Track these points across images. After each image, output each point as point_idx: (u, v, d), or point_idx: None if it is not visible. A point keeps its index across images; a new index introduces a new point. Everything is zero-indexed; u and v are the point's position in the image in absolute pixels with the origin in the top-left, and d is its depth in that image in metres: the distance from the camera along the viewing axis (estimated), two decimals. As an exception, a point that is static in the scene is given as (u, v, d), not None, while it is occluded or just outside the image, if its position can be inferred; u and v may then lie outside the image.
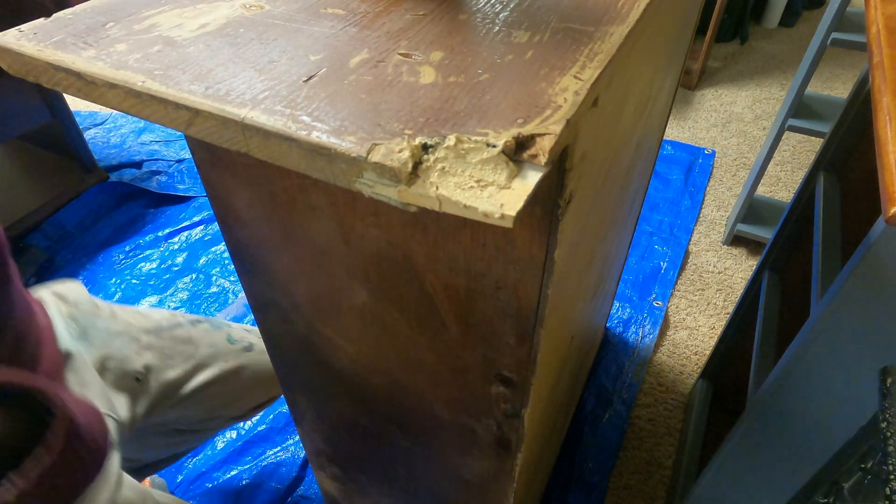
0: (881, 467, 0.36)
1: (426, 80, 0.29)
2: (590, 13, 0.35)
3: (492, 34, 0.33)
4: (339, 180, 0.26)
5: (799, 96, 1.28)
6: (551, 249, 0.34)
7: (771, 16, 2.71)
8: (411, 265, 0.40)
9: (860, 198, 0.82)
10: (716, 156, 1.96)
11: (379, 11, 0.36)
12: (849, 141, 0.82)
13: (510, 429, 0.49)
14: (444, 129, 0.26)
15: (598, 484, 1.11)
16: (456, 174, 0.24)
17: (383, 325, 0.47)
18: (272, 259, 0.49)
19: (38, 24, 0.35)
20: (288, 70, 0.31)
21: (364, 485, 0.77)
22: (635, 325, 1.40)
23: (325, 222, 0.41)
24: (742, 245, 1.63)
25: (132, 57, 0.32)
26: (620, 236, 0.84)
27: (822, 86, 2.30)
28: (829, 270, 0.66)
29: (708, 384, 1.19)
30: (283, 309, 0.54)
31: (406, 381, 0.51)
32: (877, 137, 0.46)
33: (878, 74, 0.51)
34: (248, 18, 0.36)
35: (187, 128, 0.29)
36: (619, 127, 0.45)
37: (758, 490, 0.70)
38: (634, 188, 0.79)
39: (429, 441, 0.58)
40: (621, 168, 0.56)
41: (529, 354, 0.41)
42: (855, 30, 1.16)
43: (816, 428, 0.59)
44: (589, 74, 0.29)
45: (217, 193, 0.46)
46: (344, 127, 0.26)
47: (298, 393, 0.67)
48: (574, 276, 0.46)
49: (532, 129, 0.25)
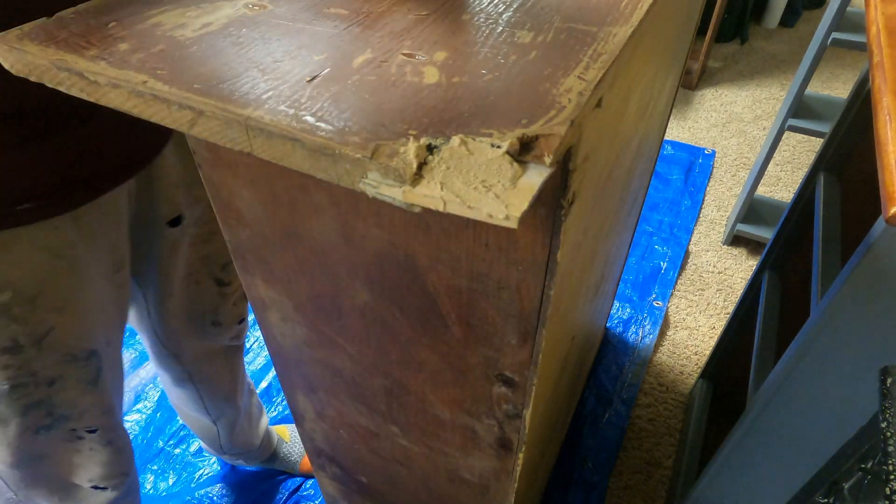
0: (881, 467, 0.36)
1: (430, 80, 0.30)
2: (593, 13, 0.35)
3: (495, 34, 0.33)
4: (342, 181, 0.26)
5: (799, 96, 1.28)
6: (554, 250, 0.34)
7: (771, 16, 2.72)
8: (413, 265, 0.40)
9: (860, 198, 0.82)
10: (716, 156, 1.96)
11: (382, 11, 0.36)
12: (849, 141, 0.82)
13: (511, 429, 0.49)
14: (449, 130, 0.26)
15: (599, 484, 1.11)
16: (460, 175, 0.24)
17: (385, 325, 0.47)
18: (274, 259, 0.49)
19: (41, 24, 0.35)
20: (291, 70, 0.31)
21: (364, 485, 0.77)
22: (635, 325, 1.40)
23: (327, 222, 0.41)
24: (742, 245, 1.63)
25: (135, 57, 0.32)
26: (621, 236, 0.84)
27: (822, 86, 2.30)
28: (829, 270, 0.66)
29: (708, 384, 1.19)
30: (285, 309, 0.54)
31: (407, 381, 0.51)
32: (877, 137, 0.46)
33: (878, 74, 0.51)
34: (250, 18, 0.36)
35: (190, 128, 0.29)
36: (621, 127, 0.45)
37: (758, 490, 0.70)
38: (635, 188, 0.79)
39: (429, 441, 0.58)
40: (623, 168, 0.56)
41: (531, 355, 0.41)
42: (855, 30, 1.16)
43: (816, 428, 0.59)
44: (593, 75, 0.29)
45: (219, 193, 0.46)
46: (348, 127, 0.26)
47: (298, 393, 0.67)
48: (576, 276, 0.46)
49: (536, 130, 0.25)
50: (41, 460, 0.63)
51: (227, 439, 0.99)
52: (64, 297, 0.54)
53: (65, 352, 0.57)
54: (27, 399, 0.57)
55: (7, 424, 0.57)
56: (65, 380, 0.58)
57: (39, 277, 0.51)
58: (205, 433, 0.99)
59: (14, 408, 0.56)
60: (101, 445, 0.66)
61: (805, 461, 0.62)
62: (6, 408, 0.56)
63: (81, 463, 0.66)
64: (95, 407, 0.63)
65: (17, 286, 0.50)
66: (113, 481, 0.70)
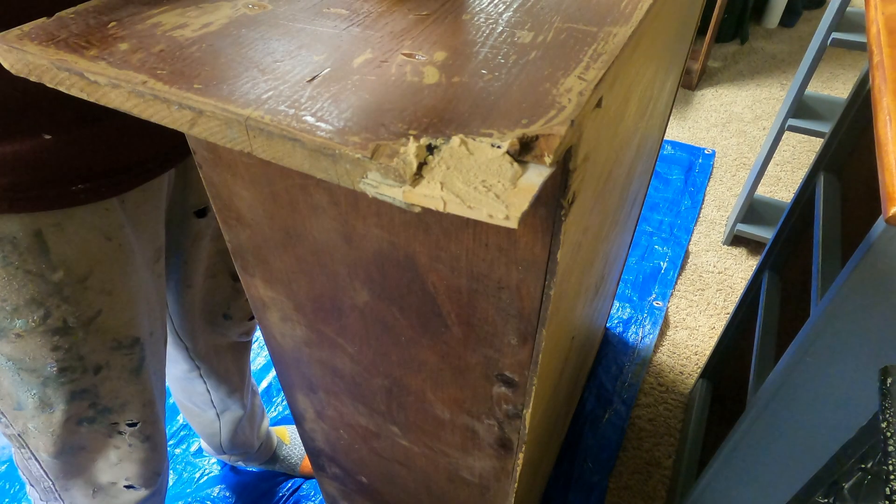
0: (881, 467, 0.37)
1: (430, 80, 0.30)
2: (593, 13, 0.35)
3: (495, 34, 0.33)
4: (343, 181, 0.26)
5: (799, 96, 1.28)
6: (554, 250, 0.34)
7: (771, 16, 2.72)
8: (413, 265, 0.40)
9: (860, 198, 0.82)
10: (716, 156, 1.96)
11: (382, 11, 0.36)
12: (849, 141, 0.82)
13: (511, 429, 0.49)
14: (449, 130, 0.26)
15: (599, 484, 1.11)
16: (460, 175, 0.24)
17: (384, 325, 0.47)
18: (274, 259, 0.49)
19: (41, 24, 0.35)
20: (291, 70, 0.31)
21: (364, 485, 0.77)
22: (635, 325, 1.40)
23: (326, 222, 0.41)
24: (742, 245, 1.63)
25: (135, 57, 0.32)
26: (621, 236, 0.84)
27: (822, 86, 2.30)
28: (829, 270, 0.66)
29: (708, 384, 1.19)
30: (285, 309, 0.54)
31: (407, 381, 0.51)
32: (877, 137, 0.46)
33: (878, 74, 0.51)
34: (250, 18, 0.36)
35: (190, 128, 0.29)
36: (621, 127, 0.45)
37: (758, 490, 0.70)
38: (635, 188, 0.79)
39: (429, 441, 0.58)
40: (623, 168, 0.56)
41: (531, 355, 0.41)
42: (855, 30, 1.16)
43: (816, 428, 0.59)
44: (593, 75, 0.29)
45: (219, 193, 0.46)
46: (348, 127, 0.26)
47: (298, 393, 0.67)
48: (576, 276, 0.46)
49: (537, 130, 0.25)
50: (80, 452, 0.64)
51: (229, 437, 0.99)
52: (112, 280, 0.55)
53: (111, 336, 0.58)
54: (74, 385, 0.57)
55: (53, 410, 0.58)
56: (110, 367, 0.59)
57: (90, 257, 0.53)
58: (206, 429, 0.99)
59: (61, 393, 0.57)
60: (139, 441, 0.67)
61: (805, 461, 0.62)
62: (53, 392, 0.57)
63: (119, 460, 0.67)
64: (137, 398, 0.64)
65: (70, 265, 0.52)
66: (147, 480, 0.71)
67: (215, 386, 0.89)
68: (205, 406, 0.93)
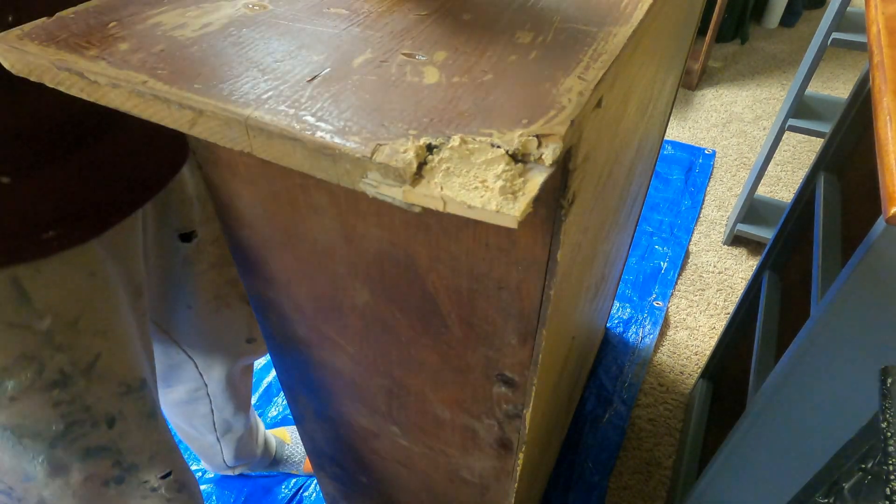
0: (881, 467, 0.36)
1: (430, 80, 0.30)
2: (593, 13, 0.35)
3: (495, 34, 0.33)
4: (343, 180, 0.26)
5: (799, 96, 1.28)
6: (554, 250, 0.34)
7: (771, 16, 2.72)
8: (413, 265, 0.40)
9: (860, 198, 0.82)
10: (716, 156, 1.96)
11: (382, 11, 0.36)
12: (849, 141, 0.82)
13: (511, 429, 0.49)
14: (449, 130, 0.26)
15: (599, 484, 1.11)
16: (460, 175, 0.24)
17: (384, 325, 0.47)
18: (273, 259, 0.49)
19: (41, 24, 0.35)
20: (291, 70, 0.31)
21: (364, 485, 0.77)
22: (635, 325, 1.40)
23: (326, 222, 0.41)
24: (742, 245, 1.63)
25: (135, 57, 0.32)
26: (621, 236, 0.84)
27: (823, 86, 2.30)
28: (829, 270, 0.66)
29: (708, 384, 1.19)
30: (285, 309, 0.54)
31: (407, 381, 0.51)
32: (877, 137, 0.46)
33: (878, 74, 0.51)
34: (250, 18, 0.36)
35: (190, 128, 0.29)
36: (621, 127, 0.45)
37: (758, 490, 0.70)
38: (635, 188, 0.79)
39: (430, 441, 0.58)
40: (623, 168, 0.56)
41: (531, 355, 0.41)
42: (855, 30, 1.16)
43: (816, 428, 0.59)
44: (593, 75, 0.29)
45: (218, 193, 0.46)
46: (348, 127, 0.26)
47: (298, 393, 0.67)
48: (576, 276, 0.46)
49: (537, 130, 0.25)
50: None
51: (231, 454, 0.98)
52: (105, 319, 0.51)
53: (117, 381, 0.53)
54: (86, 441, 0.52)
55: (69, 472, 0.53)
56: (125, 417, 0.54)
57: (77, 297, 0.48)
58: (207, 451, 0.98)
59: (73, 451, 0.52)
60: (176, 492, 0.62)
61: (805, 461, 0.62)
62: (64, 452, 0.51)
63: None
64: (161, 445, 0.59)
65: (57, 309, 0.46)
66: None
67: (221, 406, 0.86)
68: (205, 430, 0.90)
